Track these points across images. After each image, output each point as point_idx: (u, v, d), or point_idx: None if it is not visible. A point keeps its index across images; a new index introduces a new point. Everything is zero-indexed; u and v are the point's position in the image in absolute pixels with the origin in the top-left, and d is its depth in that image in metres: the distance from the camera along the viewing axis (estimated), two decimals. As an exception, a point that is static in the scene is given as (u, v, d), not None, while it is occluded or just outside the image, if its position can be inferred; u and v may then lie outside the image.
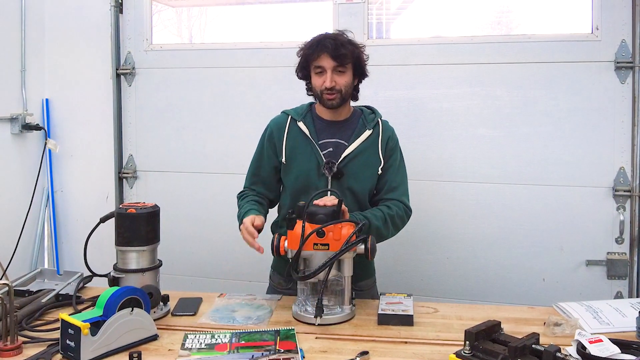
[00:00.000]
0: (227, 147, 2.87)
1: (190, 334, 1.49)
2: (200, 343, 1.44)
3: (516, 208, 2.62)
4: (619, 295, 2.54)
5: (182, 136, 2.95)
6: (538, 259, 2.61)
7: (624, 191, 2.51)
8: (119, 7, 2.96)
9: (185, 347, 1.42)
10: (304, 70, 1.90)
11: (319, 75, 1.83)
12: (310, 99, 1.98)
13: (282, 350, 1.39)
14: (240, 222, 1.76)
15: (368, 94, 2.40)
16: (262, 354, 1.38)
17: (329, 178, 1.83)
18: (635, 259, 2.53)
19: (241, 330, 1.52)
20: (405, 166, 1.96)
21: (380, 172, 1.88)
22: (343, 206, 1.63)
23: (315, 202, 1.61)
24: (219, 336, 1.48)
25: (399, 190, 1.88)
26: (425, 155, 2.67)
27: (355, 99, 1.97)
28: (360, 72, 1.90)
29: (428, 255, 2.72)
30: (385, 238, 1.85)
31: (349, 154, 1.85)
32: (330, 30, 1.92)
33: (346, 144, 1.86)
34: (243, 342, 1.44)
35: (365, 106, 2.00)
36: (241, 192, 1.98)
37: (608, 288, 2.55)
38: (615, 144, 2.51)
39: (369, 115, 1.93)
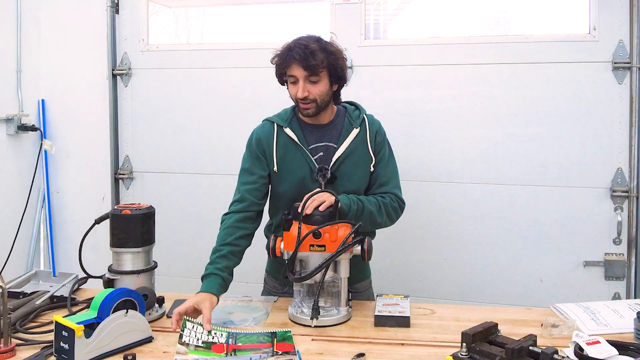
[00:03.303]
0: (224, 148, 2.86)
1: (188, 321, 1.48)
2: (198, 339, 1.43)
3: (514, 209, 2.62)
4: (616, 296, 2.54)
5: (178, 137, 2.94)
6: (535, 260, 2.60)
7: (622, 192, 2.50)
8: (115, 8, 2.96)
9: (183, 340, 1.42)
10: (281, 78, 1.83)
11: (293, 85, 1.76)
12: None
13: (280, 352, 1.38)
14: (202, 278, 1.68)
15: (365, 95, 2.40)
16: (260, 356, 1.37)
17: (322, 181, 1.79)
18: (633, 259, 2.53)
19: (238, 331, 1.51)
20: (394, 159, 1.92)
21: (372, 169, 1.85)
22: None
23: (308, 203, 1.60)
24: (215, 334, 1.47)
25: (391, 183, 1.85)
26: (422, 155, 2.67)
27: (338, 102, 1.90)
28: (338, 79, 1.80)
29: (425, 256, 2.71)
30: (378, 225, 1.82)
31: (339, 156, 1.80)
32: (327, 30, 1.89)
33: (335, 146, 1.82)
34: (240, 344, 1.43)
35: (348, 102, 1.93)
36: (228, 212, 1.84)
37: (606, 289, 2.55)
38: (613, 144, 2.51)
39: (353, 113, 1.88)
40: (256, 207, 1.84)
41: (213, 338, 1.45)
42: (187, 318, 1.49)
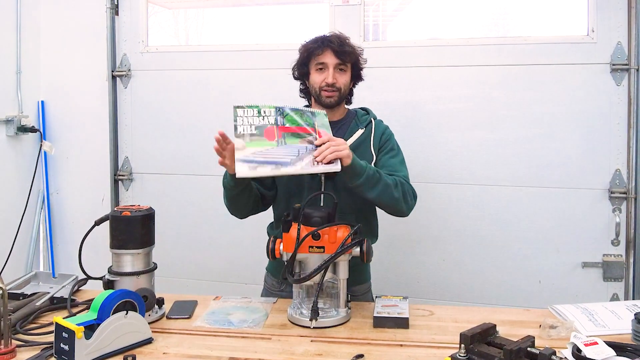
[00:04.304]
0: (224, 149, 2.86)
1: (238, 108, 1.60)
2: (251, 124, 1.57)
3: (512, 210, 2.62)
4: (614, 297, 2.55)
5: (178, 138, 2.95)
6: (534, 261, 2.61)
7: (620, 193, 2.51)
8: (114, 9, 2.96)
9: (238, 132, 1.57)
10: (303, 68, 1.90)
11: (319, 72, 1.85)
12: (304, 102, 1.99)
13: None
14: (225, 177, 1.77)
15: (365, 96, 2.39)
16: (307, 148, 1.59)
17: (322, 178, 1.82)
18: (631, 260, 2.53)
19: (283, 106, 1.65)
20: (403, 158, 1.93)
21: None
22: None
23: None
24: (265, 112, 1.62)
25: (402, 172, 1.85)
26: (421, 157, 2.67)
27: (349, 102, 1.99)
28: (356, 75, 1.93)
29: (424, 257, 2.72)
30: (395, 200, 1.76)
31: None
32: (326, 32, 1.93)
33: None
34: (288, 124, 1.62)
35: (360, 108, 2.02)
36: None
37: (604, 290, 2.56)
38: (612, 145, 2.51)
39: (362, 116, 1.95)
40: (259, 191, 1.88)
41: (264, 119, 1.58)
42: (236, 105, 1.61)
